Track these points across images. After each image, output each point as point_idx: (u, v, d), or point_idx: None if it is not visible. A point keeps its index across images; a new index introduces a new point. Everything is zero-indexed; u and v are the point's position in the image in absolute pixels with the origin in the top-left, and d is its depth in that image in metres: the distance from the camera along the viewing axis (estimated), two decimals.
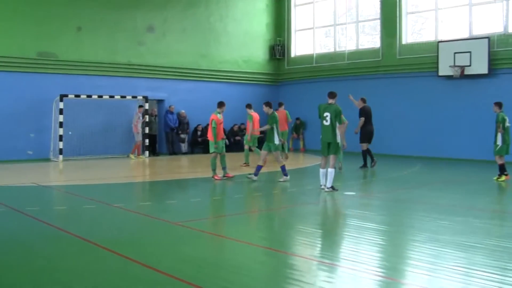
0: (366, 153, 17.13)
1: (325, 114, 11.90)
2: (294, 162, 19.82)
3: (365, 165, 17.07)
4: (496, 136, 14.02)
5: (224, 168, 14.51)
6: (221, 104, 14.59)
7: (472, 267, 6.18)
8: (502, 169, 14.06)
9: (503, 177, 14.00)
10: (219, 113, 14.47)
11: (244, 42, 26.15)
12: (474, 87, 20.08)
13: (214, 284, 5.51)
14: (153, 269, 6.03)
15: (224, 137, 15.01)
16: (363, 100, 17.63)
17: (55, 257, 6.65)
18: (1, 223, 8.75)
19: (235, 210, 10.46)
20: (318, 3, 26.27)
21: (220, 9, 25.18)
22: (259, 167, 13.84)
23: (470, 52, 19.68)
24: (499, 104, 14.14)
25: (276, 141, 13.70)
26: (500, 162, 14.07)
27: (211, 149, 14.38)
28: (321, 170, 12.21)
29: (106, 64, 21.53)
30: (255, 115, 17.59)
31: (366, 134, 17.13)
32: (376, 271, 6.13)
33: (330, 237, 7.91)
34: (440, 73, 20.68)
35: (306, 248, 7.37)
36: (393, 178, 15.06)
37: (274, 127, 13.68)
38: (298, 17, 27.42)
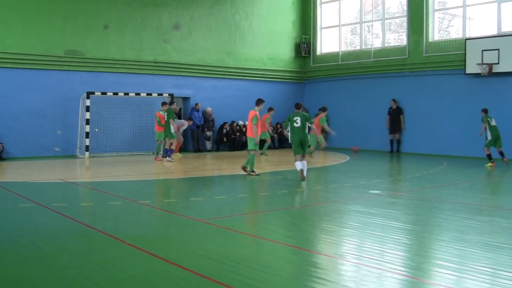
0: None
1: (295, 118, 13.43)
2: (315, 160, 19.64)
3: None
4: None
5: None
6: (259, 102, 14.60)
7: (499, 268, 6.10)
8: None
9: None
10: (257, 111, 14.47)
11: (269, 40, 26.14)
12: (502, 85, 19.80)
13: (238, 281, 5.52)
14: (177, 265, 6.06)
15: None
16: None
17: (81, 253, 6.73)
18: (29, 219, 8.88)
19: (260, 208, 10.46)
20: (344, 0, 26.13)
21: (245, 7, 25.20)
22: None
23: (498, 49, 19.40)
24: None
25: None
26: None
27: (253, 146, 14.34)
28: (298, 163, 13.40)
29: (132, 62, 21.73)
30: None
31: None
32: (401, 270, 6.08)
33: (355, 236, 7.87)
34: (468, 71, 20.42)
35: (330, 246, 7.34)
36: (419, 177, 14.92)
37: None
38: (324, 14, 27.31)
